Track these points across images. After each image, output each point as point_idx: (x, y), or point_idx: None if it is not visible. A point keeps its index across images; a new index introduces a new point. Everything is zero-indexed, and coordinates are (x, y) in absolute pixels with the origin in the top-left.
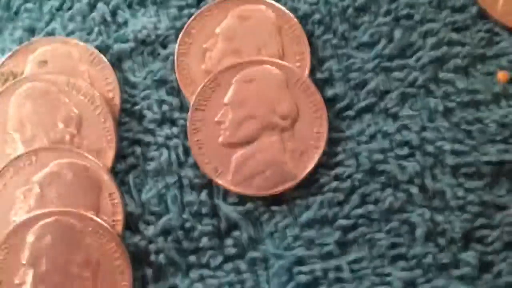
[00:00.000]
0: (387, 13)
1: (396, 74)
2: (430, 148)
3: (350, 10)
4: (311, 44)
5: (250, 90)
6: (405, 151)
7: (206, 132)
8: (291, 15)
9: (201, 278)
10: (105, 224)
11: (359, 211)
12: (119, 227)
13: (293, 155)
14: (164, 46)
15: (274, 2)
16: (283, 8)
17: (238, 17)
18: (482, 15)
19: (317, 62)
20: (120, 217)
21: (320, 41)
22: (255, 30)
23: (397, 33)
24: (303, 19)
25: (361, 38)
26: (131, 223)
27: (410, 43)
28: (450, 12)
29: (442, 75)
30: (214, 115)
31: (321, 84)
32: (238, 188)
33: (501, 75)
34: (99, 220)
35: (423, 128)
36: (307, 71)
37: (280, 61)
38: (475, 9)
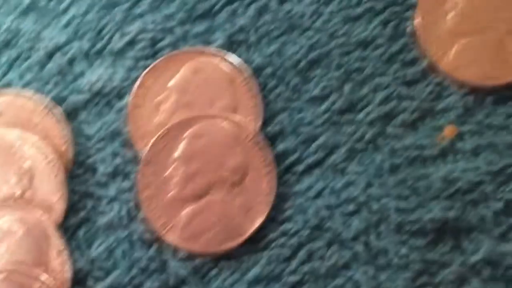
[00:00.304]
0: (339, 66)
1: (345, 129)
2: (375, 205)
3: (303, 63)
4: (264, 97)
5: (201, 145)
6: (351, 208)
7: (156, 187)
8: (245, 67)
9: None
10: (52, 283)
11: (306, 267)
12: (67, 285)
13: (242, 211)
14: (120, 98)
15: (228, 55)
16: (237, 60)
17: (191, 70)
18: (432, 68)
19: (269, 115)
20: (68, 274)
21: (273, 94)
22: (208, 83)
23: (347, 88)
24: (257, 71)
25: (312, 91)
26: (80, 280)
27: (360, 97)
28: (400, 66)
29: (390, 130)
30: (164, 170)
31: (273, 138)
32: (186, 244)
33: (449, 130)
34: (45, 278)
35: (369, 185)
36: (259, 125)
37: (231, 116)
38: (425, 63)
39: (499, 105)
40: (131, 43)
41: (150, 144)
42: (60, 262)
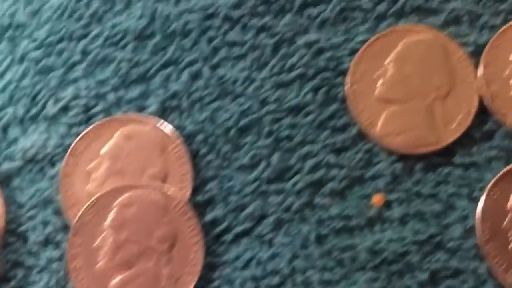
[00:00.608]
0: (269, 134)
1: (273, 198)
2: (299, 278)
3: (234, 130)
4: (195, 164)
5: (130, 214)
6: (276, 280)
7: (85, 257)
8: (177, 134)
9: None
10: None
11: None
12: None
13: (170, 281)
14: (52, 165)
15: (160, 121)
16: (169, 127)
17: (123, 137)
18: (362, 135)
19: (199, 183)
20: None
21: (204, 161)
22: (140, 150)
23: (276, 156)
24: (189, 138)
25: (242, 159)
26: None
27: (289, 166)
28: (330, 133)
29: (317, 200)
30: (93, 240)
31: (202, 207)
32: None
33: (377, 198)
34: None
35: (295, 256)
36: (189, 193)
37: (160, 185)
38: (355, 130)
39: (428, 173)
40: (65, 109)
41: (79, 214)
42: None
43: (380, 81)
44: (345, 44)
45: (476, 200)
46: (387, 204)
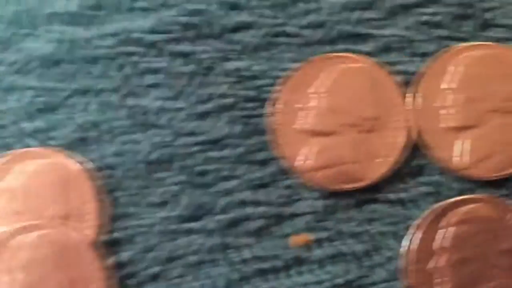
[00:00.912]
0: (182, 169)
1: (183, 239)
2: None
3: (144, 165)
4: (102, 201)
5: (40, 255)
6: None
7: None
8: (82, 170)
9: None
10: None
11: None
12: None
13: None
14: None
15: (69, 154)
16: (78, 160)
17: (22, 173)
18: (283, 170)
19: (107, 222)
20: None
21: (111, 198)
22: (41, 188)
23: (188, 193)
24: (100, 172)
25: (153, 196)
26: None
27: (201, 204)
28: (249, 168)
29: (231, 241)
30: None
31: (108, 248)
32: None
33: (296, 239)
34: None
35: None
36: (94, 233)
37: (62, 224)
38: (276, 164)
39: (352, 210)
40: None
41: None
42: None
43: (304, 112)
44: (269, 72)
45: (402, 240)
46: (313, 243)
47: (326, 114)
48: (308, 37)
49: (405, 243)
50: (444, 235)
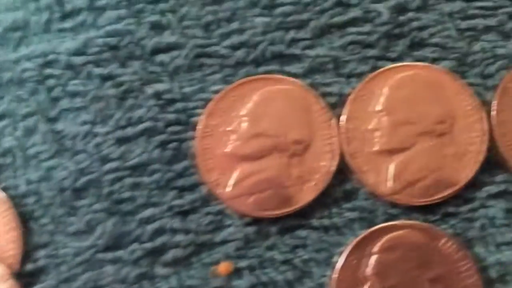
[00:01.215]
0: (108, 195)
1: (109, 268)
2: None
3: (69, 192)
4: (26, 229)
5: None
6: None
7: None
8: (6, 196)
9: None
10: None
11: None
12: None
13: None
14: None
15: None
16: None
17: None
18: (211, 196)
19: (30, 251)
20: None
21: (36, 226)
22: None
23: (114, 221)
24: (20, 199)
25: (77, 224)
26: None
27: (127, 232)
28: (177, 194)
29: (157, 269)
30: None
31: (32, 276)
32: None
33: (223, 267)
34: None
35: None
36: (18, 261)
37: None
38: (204, 190)
39: (283, 236)
40: None
41: None
42: None
43: (233, 136)
44: (199, 94)
45: (334, 266)
46: (237, 272)
47: (256, 137)
48: (235, 58)
49: (330, 271)
50: (369, 263)
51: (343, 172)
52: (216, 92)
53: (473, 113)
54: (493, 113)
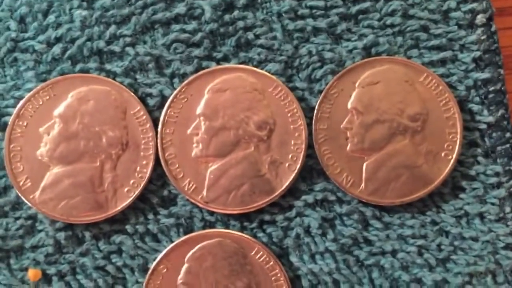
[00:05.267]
0: None
1: None
2: None
3: None
4: None
5: None
6: None
7: None
8: None
9: None
10: None
11: None
12: None
13: None
14: None
15: None
16: None
17: None
18: (22, 200)
19: None
20: None
21: None
22: None
23: None
24: None
25: None
26: None
27: None
28: None
29: None
30: None
31: None
32: None
33: (32, 273)
34: None
35: None
36: None
37: None
38: (14, 194)
39: (98, 242)
40: None
41: None
42: None
43: (45, 137)
44: (13, 92)
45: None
46: (48, 278)
47: (63, 141)
48: (51, 54)
49: (146, 278)
50: (181, 271)
51: (162, 178)
52: (30, 90)
53: (295, 119)
54: (314, 120)
